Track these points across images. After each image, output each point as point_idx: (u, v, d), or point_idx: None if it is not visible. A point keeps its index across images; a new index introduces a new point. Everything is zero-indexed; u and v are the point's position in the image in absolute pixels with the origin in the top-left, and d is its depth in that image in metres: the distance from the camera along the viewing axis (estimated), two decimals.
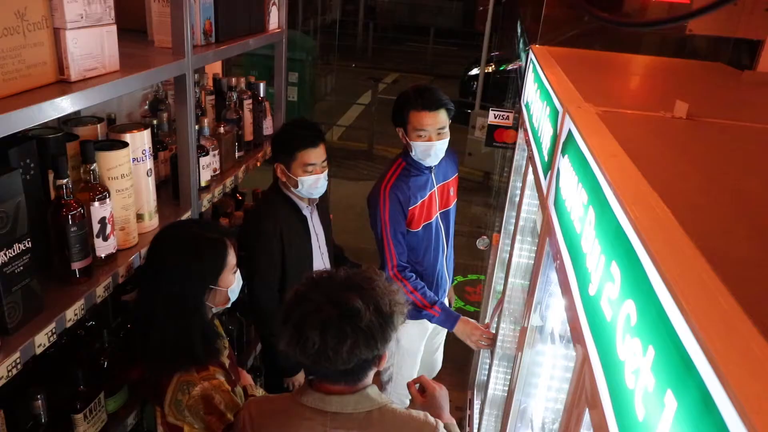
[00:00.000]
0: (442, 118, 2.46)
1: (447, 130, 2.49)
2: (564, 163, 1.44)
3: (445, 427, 1.69)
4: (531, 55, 2.50)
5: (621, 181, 1.00)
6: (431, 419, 1.48)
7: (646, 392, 0.71)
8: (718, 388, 0.55)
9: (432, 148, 2.47)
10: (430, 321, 2.68)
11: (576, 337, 1.10)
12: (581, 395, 1.03)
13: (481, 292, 3.92)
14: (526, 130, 2.45)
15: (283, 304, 1.42)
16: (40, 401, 1.54)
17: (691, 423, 0.59)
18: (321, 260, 2.58)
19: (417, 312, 2.59)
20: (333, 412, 1.41)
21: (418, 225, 2.60)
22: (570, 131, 1.41)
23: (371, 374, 1.47)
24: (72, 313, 1.52)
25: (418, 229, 2.61)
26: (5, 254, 1.32)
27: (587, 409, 0.98)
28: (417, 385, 1.75)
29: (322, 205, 2.62)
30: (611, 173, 1.03)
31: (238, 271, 1.82)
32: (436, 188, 2.64)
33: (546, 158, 1.76)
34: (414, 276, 2.61)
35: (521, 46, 5.43)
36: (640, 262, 0.80)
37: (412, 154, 2.51)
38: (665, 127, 1.49)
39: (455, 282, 5.03)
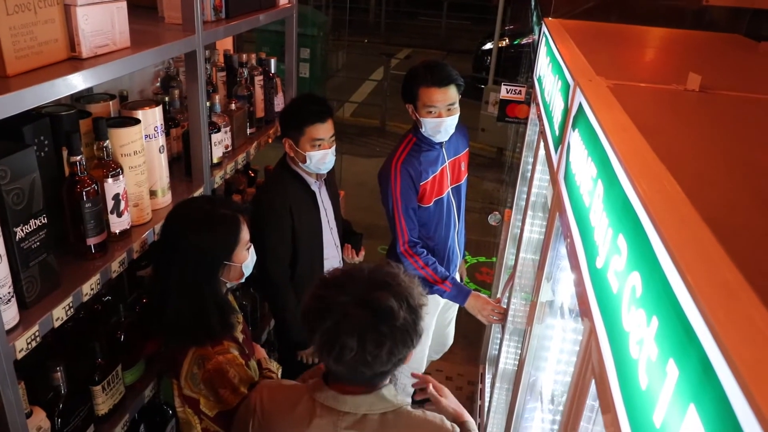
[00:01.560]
0: (452, 94, 2.44)
1: (457, 105, 2.48)
2: (574, 137, 1.44)
3: (466, 426, 1.60)
4: (544, 29, 2.47)
5: (630, 155, 0.99)
6: (447, 423, 1.41)
7: (649, 361, 0.72)
8: (717, 356, 0.56)
9: (442, 125, 2.46)
10: (441, 296, 2.69)
11: (584, 310, 1.10)
12: (588, 366, 1.04)
13: (492, 275, 3.94)
14: (538, 105, 2.43)
15: (304, 309, 1.33)
16: (59, 373, 1.58)
17: (692, 391, 0.60)
18: (330, 234, 2.60)
19: (428, 287, 2.61)
20: (345, 412, 1.34)
21: (429, 200, 2.61)
22: (581, 105, 1.40)
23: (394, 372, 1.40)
24: (88, 288, 1.55)
25: (429, 204, 2.61)
26: (22, 230, 1.35)
27: (593, 381, 0.99)
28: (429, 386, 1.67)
29: (330, 179, 2.63)
30: (620, 146, 1.03)
31: (252, 246, 1.84)
32: (447, 163, 2.63)
33: (557, 132, 1.75)
34: (425, 252, 2.62)
35: (535, 19, 5.36)
36: (645, 235, 0.80)
37: (423, 130, 2.50)
38: (677, 100, 1.47)
39: (471, 261, 5.04)
